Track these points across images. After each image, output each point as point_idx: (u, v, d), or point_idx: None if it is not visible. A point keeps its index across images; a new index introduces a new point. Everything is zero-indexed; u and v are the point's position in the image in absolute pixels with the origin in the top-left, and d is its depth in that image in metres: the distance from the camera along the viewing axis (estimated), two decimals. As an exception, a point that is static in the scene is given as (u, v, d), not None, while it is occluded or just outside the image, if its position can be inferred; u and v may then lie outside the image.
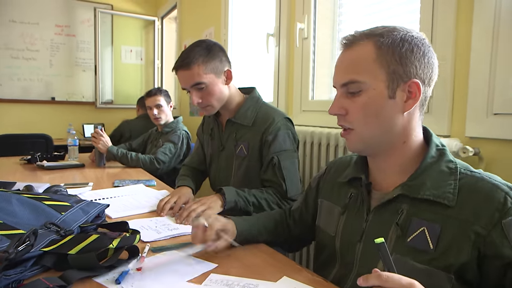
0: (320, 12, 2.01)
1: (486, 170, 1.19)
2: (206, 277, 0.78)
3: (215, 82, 1.43)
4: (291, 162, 1.41)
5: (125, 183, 1.73)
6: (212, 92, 1.42)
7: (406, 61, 0.73)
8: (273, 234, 1.03)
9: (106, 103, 4.59)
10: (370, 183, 0.84)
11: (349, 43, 0.77)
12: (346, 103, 0.78)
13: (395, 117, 0.75)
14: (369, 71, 0.74)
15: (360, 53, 0.75)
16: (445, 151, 0.77)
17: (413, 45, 0.73)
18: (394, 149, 0.78)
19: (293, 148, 1.45)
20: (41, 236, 0.80)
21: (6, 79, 4.13)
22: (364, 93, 0.75)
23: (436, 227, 0.69)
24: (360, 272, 0.79)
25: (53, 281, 0.70)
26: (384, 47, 0.73)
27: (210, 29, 3.27)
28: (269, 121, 1.43)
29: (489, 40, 1.17)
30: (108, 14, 4.55)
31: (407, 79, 0.74)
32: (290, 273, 0.80)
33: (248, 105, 1.50)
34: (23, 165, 2.26)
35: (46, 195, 1.02)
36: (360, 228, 0.81)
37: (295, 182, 1.41)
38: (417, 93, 0.74)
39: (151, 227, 1.09)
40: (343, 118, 0.79)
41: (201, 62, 1.39)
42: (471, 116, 1.23)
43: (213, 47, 1.44)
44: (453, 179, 0.72)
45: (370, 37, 0.75)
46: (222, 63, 1.45)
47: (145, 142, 2.81)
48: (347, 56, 0.78)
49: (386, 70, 0.73)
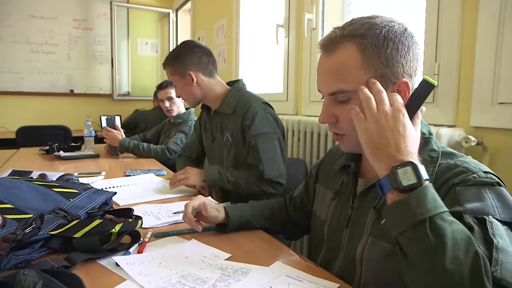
0: (329, 2, 2.00)
1: (491, 160, 1.19)
2: (201, 261, 0.81)
3: (182, 83, 1.60)
4: (269, 144, 1.45)
5: (136, 173, 1.79)
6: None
7: (393, 61, 0.71)
8: (270, 221, 1.06)
9: (122, 95, 4.69)
10: (357, 171, 0.86)
11: (330, 47, 0.73)
12: (336, 110, 0.76)
13: None
14: (356, 79, 0.71)
15: (343, 59, 0.72)
16: (430, 140, 0.77)
17: (397, 42, 0.71)
18: None
19: (273, 130, 1.48)
20: (49, 221, 0.86)
21: (27, 73, 4.27)
22: (353, 101, 0.72)
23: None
24: (346, 255, 0.82)
25: (59, 261, 0.75)
26: (369, 51, 0.70)
27: (223, 21, 3.28)
28: (247, 106, 1.50)
29: (494, 29, 1.15)
30: (124, 7, 4.63)
31: (395, 80, 0.72)
32: (284, 258, 0.83)
33: (230, 95, 1.58)
34: (41, 155, 2.35)
35: (56, 182, 1.08)
36: (346, 215, 0.84)
37: (274, 163, 1.44)
38: (406, 91, 0.72)
39: (153, 213, 1.13)
40: (334, 126, 0.78)
41: (170, 65, 1.60)
42: (476, 106, 1.22)
43: (180, 50, 1.60)
44: (432, 166, 0.72)
45: (351, 39, 0.71)
46: (186, 66, 1.57)
47: (159, 132, 2.87)
48: (330, 63, 0.74)
49: (373, 75, 0.71)
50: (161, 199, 1.31)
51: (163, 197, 1.34)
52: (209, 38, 3.62)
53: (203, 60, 1.58)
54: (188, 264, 0.79)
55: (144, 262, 0.80)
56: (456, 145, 1.20)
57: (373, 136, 0.65)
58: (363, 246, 0.77)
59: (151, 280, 0.71)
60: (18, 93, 4.23)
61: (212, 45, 3.51)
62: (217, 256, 0.84)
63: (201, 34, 3.82)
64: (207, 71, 1.59)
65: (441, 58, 1.33)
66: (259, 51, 2.87)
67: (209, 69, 1.60)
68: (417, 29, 1.49)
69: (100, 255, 0.81)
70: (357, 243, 0.78)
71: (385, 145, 0.63)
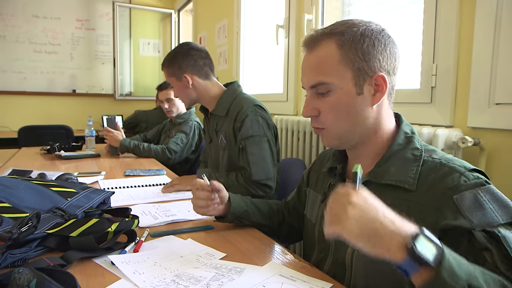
0: (329, 3, 2.00)
1: (488, 161, 1.20)
2: (196, 260, 0.82)
3: (179, 86, 1.62)
4: (258, 147, 1.46)
5: (136, 173, 1.80)
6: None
7: (369, 56, 0.75)
8: (267, 219, 1.06)
9: (124, 95, 4.71)
10: (344, 172, 0.87)
11: (312, 44, 0.79)
12: (317, 104, 0.79)
13: (365, 111, 0.77)
14: (335, 72, 0.76)
15: (323, 54, 0.77)
16: (412, 139, 0.79)
17: (374, 39, 0.75)
18: (367, 140, 0.81)
19: (262, 133, 1.49)
20: (46, 219, 0.87)
21: (30, 73, 4.30)
22: (333, 93, 0.77)
23: (398, 211, 0.70)
24: (335, 257, 0.82)
25: (54, 260, 0.76)
26: (346, 46, 0.75)
27: (224, 21, 3.29)
28: (238, 109, 1.51)
29: (491, 30, 1.15)
30: (126, 8, 4.64)
31: (372, 74, 0.76)
32: (278, 258, 0.84)
33: (224, 97, 1.59)
34: (42, 154, 2.37)
35: (55, 182, 1.09)
36: None
37: (262, 166, 1.45)
38: (384, 85, 0.76)
39: (151, 212, 1.14)
40: (315, 120, 0.81)
41: (166, 67, 1.61)
42: (473, 106, 1.22)
43: (178, 51, 1.60)
44: (416, 165, 0.74)
45: (331, 36, 0.77)
46: (182, 68, 1.59)
47: (160, 132, 2.88)
48: (312, 58, 0.79)
49: (351, 68, 0.75)
50: (159, 200, 1.31)
51: (162, 198, 1.35)
52: (210, 39, 3.63)
53: (199, 62, 1.60)
54: (183, 263, 0.80)
55: (140, 261, 0.80)
56: (453, 145, 1.21)
57: (364, 233, 0.56)
58: (352, 250, 0.78)
59: (145, 279, 0.72)
60: (21, 92, 4.25)
61: (213, 46, 3.52)
62: (212, 256, 0.85)
63: (203, 35, 3.83)
64: (202, 74, 1.61)
65: (438, 59, 1.33)
66: (259, 51, 2.88)
67: (205, 72, 1.61)
68: (415, 30, 1.50)
69: (96, 254, 0.82)
70: (346, 246, 0.79)
71: (381, 229, 0.55)
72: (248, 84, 2.96)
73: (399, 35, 1.60)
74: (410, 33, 1.56)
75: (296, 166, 1.80)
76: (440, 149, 1.15)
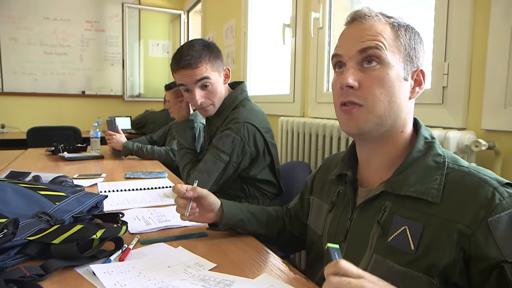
0: (337, 1, 1.93)
1: (504, 165, 1.11)
2: (184, 270, 0.76)
3: (218, 80, 1.46)
4: (213, 161, 1.39)
5: (137, 175, 1.76)
6: (215, 91, 1.44)
7: (418, 48, 0.73)
8: (265, 228, 1.00)
9: (133, 96, 4.71)
10: (356, 180, 0.79)
11: (367, 17, 0.72)
12: (360, 76, 0.70)
13: (405, 101, 0.72)
14: (390, 46, 0.70)
15: (380, 28, 0.71)
16: (433, 144, 0.72)
17: (418, 35, 0.75)
18: (391, 137, 0.74)
19: (228, 153, 1.39)
20: (29, 225, 0.82)
21: (40, 74, 4.33)
22: (383, 68, 0.69)
23: (418, 226, 0.64)
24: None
25: (32, 269, 0.71)
26: (402, 31, 0.72)
27: (231, 22, 3.25)
28: (230, 120, 1.44)
29: (508, 26, 1.08)
30: (135, 9, 4.65)
31: (416, 67, 0.73)
32: (272, 269, 0.78)
33: (225, 105, 1.50)
34: (47, 156, 2.35)
35: (44, 185, 1.05)
36: (344, 227, 0.77)
37: (203, 176, 1.38)
38: (423, 81, 0.74)
39: (144, 217, 1.09)
40: (354, 93, 0.69)
41: (208, 60, 1.41)
42: (488, 107, 1.14)
43: (214, 46, 1.46)
44: (439, 174, 0.67)
45: (384, 17, 0.73)
46: (223, 62, 1.48)
47: (166, 134, 2.84)
48: (366, 27, 0.71)
49: (403, 52, 0.71)
50: (154, 205, 1.26)
51: (157, 202, 1.29)
52: (218, 39, 3.60)
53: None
54: (169, 274, 0.75)
55: (124, 271, 0.75)
56: (465, 149, 1.13)
57: None
58: (365, 264, 0.70)
59: (125, 292, 0.67)
60: (32, 94, 4.29)
61: (221, 46, 3.48)
62: (201, 266, 0.79)
63: (211, 35, 3.79)
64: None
65: (450, 57, 1.25)
66: (267, 51, 2.82)
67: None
68: (426, 27, 1.42)
69: (78, 262, 0.77)
70: (357, 261, 0.72)
71: None
72: (255, 85, 2.90)
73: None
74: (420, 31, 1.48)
75: (302, 170, 1.74)
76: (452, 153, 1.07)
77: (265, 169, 1.51)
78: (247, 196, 1.52)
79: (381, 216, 0.69)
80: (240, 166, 1.43)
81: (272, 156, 1.51)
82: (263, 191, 1.53)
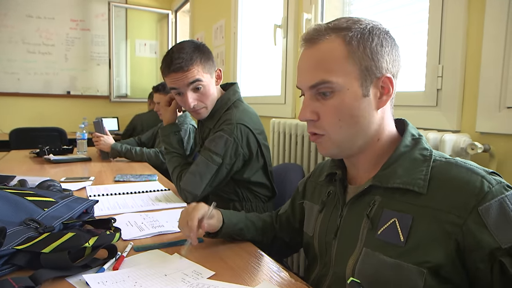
0: (329, 1, 1.92)
1: (499, 168, 1.12)
2: (181, 279, 0.74)
3: (210, 82, 1.43)
4: (205, 163, 1.36)
5: (126, 178, 1.72)
6: (208, 93, 1.42)
7: (378, 56, 0.69)
8: (262, 234, 0.99)
9: (120, 97, 4.63)
10: (344, 178, 0.80)
11: (315, 38, 0.70)
12: (317, 107, 0.71)
13: (370, 115, 0.71)
14: (341, 70, 0.68)
15: (328, 50, 0.69)
16: (420, 140, 0.73)
17: (382, 38, 0.70)
18: (368, 148, 0.74)
19: (221, 154, 1.36)
20: (16, 233, 0.78)
21: (23, 74, 4.22)
22: (337, 95, 0.69)
23: (407, 218, 0.64)
24: (335, 271, 0.76)
25: (21, 281, 0.67)
26: (354, 42, 0.68)
27: (221, 22, 3.22)
28: (223, 121, 1.41)
29: (502, 28, 1.08)
30: (122, 8, 4.57)
31: (379, 75, 0.70)
32: (272, 276, 0.76)
33: (217, 106, 1.47)
34: (32, 158, 2.28)
35: (32, 190, 1.01)
36: (335, 225, 0.78)
37: (195, 179, 1.35)
38: (390, 88, 0.71)
39: (137, 223, 1.06)
40: (314, 124, 0.73)
41: (199, 62, 1.38)
42: (482, 110, 1.15)
43: (205, 47, 1.43)
44: (425, 165, 0.67)
45: (336, 31, 0.69)
46: (214, 63, 1.45)
47: (154, 136, 2.79)
48: (314, 54, 0.70)
49: (358, 67, 0.68)
50: (147, 209, 1.23)
51: (150, 207, 1.26)
52: (207, 39, 3.56)
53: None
54: (166, 283, 0.72)
55: (118, 280, 0.72)
56: (461, 152, 1.13)
57: None
58: (355, 259, 0.70)
59: (122, 303, 0.64)
60: (15, 94, 4.17)
61: (210, 46, 3.42)
62: (199, 274, 0.77)
63: (200, 35, 3.75)
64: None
65: (444, 60, 1.26)
66: (257, 52, 2.80)
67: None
68: (420, 29, 1.42)
69: (70, 272, 0.74)
70: (348, 256, 0.72)
71: None
72: (246, 86, 2.88)
73: (402, 35, 1.53)
74: (414, 33, 1.49)
75: (294, 172, 1.72)
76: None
77: (259, 172, 1.49)
78: (240, 199, 1.50)
79: (370, 210, 0.70)
80: (233, 168, 1.41)
81: (265, 158, 1.49)
82: (257, 194, 1.51)
